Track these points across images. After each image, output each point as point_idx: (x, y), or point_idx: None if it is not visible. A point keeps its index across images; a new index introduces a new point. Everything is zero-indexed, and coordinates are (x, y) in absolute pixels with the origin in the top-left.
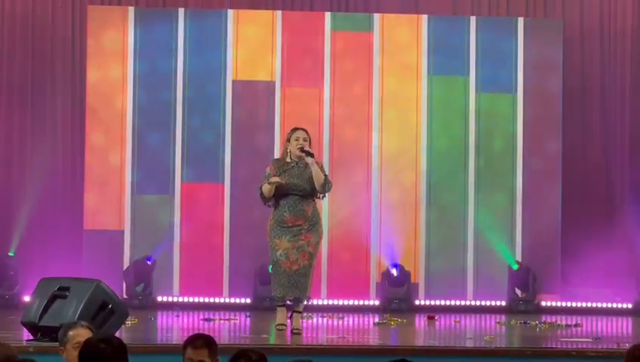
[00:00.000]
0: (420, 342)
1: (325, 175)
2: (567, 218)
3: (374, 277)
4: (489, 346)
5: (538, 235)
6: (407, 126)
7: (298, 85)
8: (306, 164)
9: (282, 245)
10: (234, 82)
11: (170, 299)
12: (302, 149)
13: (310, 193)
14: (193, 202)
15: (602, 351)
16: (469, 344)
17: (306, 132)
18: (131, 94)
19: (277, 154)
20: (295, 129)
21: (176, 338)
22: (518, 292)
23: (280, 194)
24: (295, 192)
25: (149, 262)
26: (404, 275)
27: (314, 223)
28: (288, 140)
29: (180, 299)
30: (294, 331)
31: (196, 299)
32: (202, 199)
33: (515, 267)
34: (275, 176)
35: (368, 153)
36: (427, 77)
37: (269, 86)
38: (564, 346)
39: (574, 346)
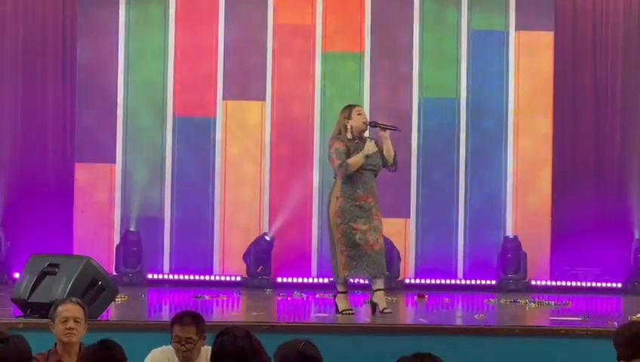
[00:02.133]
0: (410, 320)
1: (394, 150)
2: (558, 198)
3: None
4: (479, 324)
5: (528, 215)
6: (399, 105)
7: (289, 62)
8: (369, 138)
9: (360, 228)
10: (225, 61)
11: (160, 276)
12: (376, 123)
13: (380, 168)
14: (184, 180)
15: (591, 329)
16: (459, 322)
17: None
18: (122, 72)
19: (268, 130)
20: (353, 105)
21: (166, 315)
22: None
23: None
24: (369, 168)
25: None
26: (394, 253)
27: (378, 200)
28: (348, 117)
29: (171, 277)
30: (385, 311)
31: (186, 277)
32: (193, 177)
33: None
34: (347, 148)
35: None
36: (419, 55)
37: (261, 63)
38: (554, 325)
39: (564, 325)
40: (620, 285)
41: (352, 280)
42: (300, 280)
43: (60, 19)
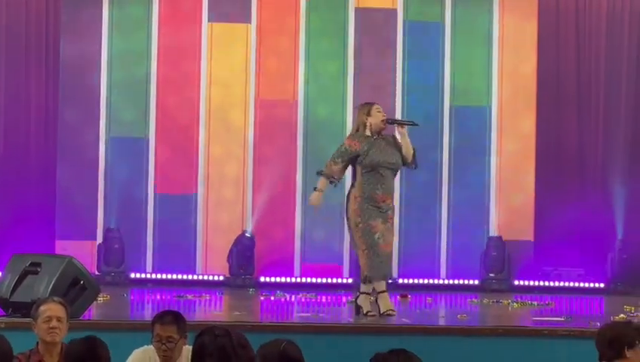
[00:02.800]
0: (393, 320)
1: (413, 147)
2: (541, 198)
3: (347, 256)
4: (461, 324)
5: (512, 215)
6: (382, 104)
7: (273, 63)
8: (388, 136)
9: (378, 227)
10: (210, 60)
11: (143, 275)
12: (393, 120)
13: (400, 167)
14: (167, 179)
15: (574, 329)
16: (442, 322)
17: None
18: (106, 71)
19: (251, 132)
20: (372, 103)
21: (148, 315)
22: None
23: (372, 169)
24: (388, 167)
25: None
26: None
27: (393, 202)
28: (367, 114)
29: (153, 276)
30: (390, 312)
31: (169, 276)
32: (177, 176)
33: None
34: (357, 148)
35: (342, 132)
36: (402, 56)
37: (245, 61)
38: (537, 325)
39: (546, 325)
40: (602, 285)
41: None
42: (283, 279)
43: (43, 18)
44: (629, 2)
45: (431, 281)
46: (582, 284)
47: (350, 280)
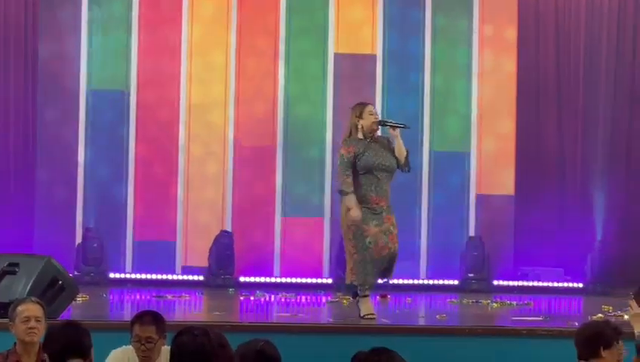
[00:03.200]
0: (373, 320)
1: (406, 148)
2: (521, 198)
3: (327, 255)
4: (441, 324)
5: (492, 215)
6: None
7: (253, 63)
8: (382, 138)
9: (370, 231)
10: (190, 59)
11: (122, 275)
12: (385, 122)
13: (395, 169)
14: (147, 178)
15: (552, 329)
16: (421, 322)
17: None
18: (85, 70)
19: (231, 131)
20: (365, 104)
21: (128, 315)
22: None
23: (366, 171)
24: (382, 169)
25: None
26: None
27: (391, 204)
28: (359, 116)
29: (133, 276)
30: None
31: (149, 276)
32: (156, 176)
33: None
34: (353, 152)
35: (322, 131)
36: (382, 55)
37: (225, 60)
38: (515, 325)
39: (525, 325)
40: (581, 285)
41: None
42: (263, 279)
43: (22, 18)
44: (607, 3)
45: (411, 281)
46: (561, 284)
47: (330, 281)
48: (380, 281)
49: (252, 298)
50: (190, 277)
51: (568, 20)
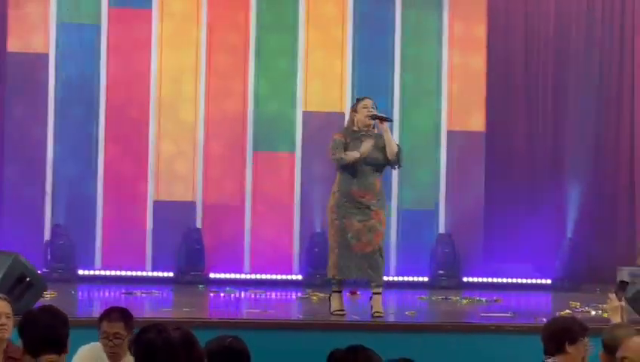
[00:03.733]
0: (342, 316)
1: (398, 144)
2: (491, 194)
3: (297, 252)
4: (410, 321)
5: (462, 212)
6: (332, 101)
7: (223, 60)
8: (376, 134)
9: (353, 226)
10: (160, 56)
11: (91, 272)
12: (375, 116)
13: (382, 164)
14: (117, 176)
15: (520, 325)
16: (391, 319)
17: (373, 100)
18: (53, 66)
19: (201, 128)
20: (362, 98)
21: (96, 312)
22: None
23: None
24: (367, 162)
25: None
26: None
27: (381, 198)
28: (355, 110)
29: (102, 273)
30: (376, 314)
31: (118, 273)
32: (126, 173)
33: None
34: (343, 140)
35: (292, 129)
36: (352, 52)
37: (194, 59)
38: (484, 321)
39: (493, 321)
40: (549, 281)
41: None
42: (233, 276)
43: None
44: (576, 1)
45: (382, 280)
46: (529, 281)
47: (300, 277)
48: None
49: (222, 294)
50: (160, 274)
51: (538, 18)
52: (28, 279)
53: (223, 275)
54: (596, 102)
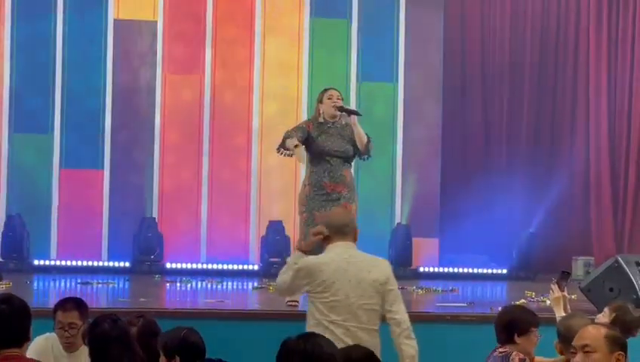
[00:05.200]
0: (301, 307)
1: (367, 134)
2: (447, 185)
3: (254, 242)
4: None
5: (417, 202)
6: (288, 91)
7: (180, 49)
8: (343, 125)
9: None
10: (116, 45)
11: (47, 262)
12: (343, 108)
13: (351, 156)
14: (73, 165)
15: (475, 315)
16: None
17: (339, 92)
18: (8, 54)
19: (158, 116)
20: (327, 89)
21: (52, 302)
22: None
23: (318, 156)
24: (335, 154)
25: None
26: (284, 240)
27: (352, 189)
28: (320, 101)
29: (58, 263)
30: None
31: (74, 263)
32: (82, 162)
33: None
34: (310, 130)
35: (249, 118)
36: (309, 42)
37: (152, 45)
38: (439, 311)
39: (449, 311)
40: (505, 271)
41: None
42: (189, 266)
43: None
44: None
45: None
46: (485, 271)
47: (256, 267)
48: None
49: (178, 284)
50: (116, 264)
51: (494, 12)
52: None
53: (179, 265)
54: (550, 94)
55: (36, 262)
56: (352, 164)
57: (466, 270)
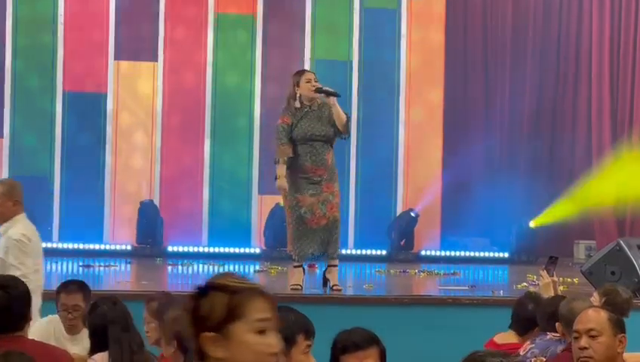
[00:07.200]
0: (298, 290)
1: (346, 113)
2: (449, 168)
3: (256, 226)
4: (368, 294)
5: (419, 185)
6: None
7: (182, 32)
8: (319, 105)
9: (306, 201)
10: (118, 28)
11: (49, 245)
12: (321, 89)
13: (332, 137)
14: (74, 148)
15: (477, 298)
16: (349, 292)
17: (314, 73)
18: (10, 38)
19: (159, 100)
20: (303, 71)
21: (54, 285)
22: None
23: (301, 141)
24: (317, 138)
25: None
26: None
27: (333, 171)
28: (296, 84)
29: (60, 246)
30: (335, 287)
31: (76, 246)
32: (83, 146)
33: None
34: (289, 122)
35: (250, 99)
36: (311, 25)
37: (153, 29)
38: (441, 294)
39: (451, 294)
40: (506, 255)
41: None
42: (191, 249)
43: None
44: None
45: (339, 252)
46: (487, 254)
47: (258, 250)
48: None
49: (180, 267)
50: (118, 247)
51: None
52: None
53: (181, 248)
54: (553, 76)
55: None
56: (333, 145)
57: (467, 253)
